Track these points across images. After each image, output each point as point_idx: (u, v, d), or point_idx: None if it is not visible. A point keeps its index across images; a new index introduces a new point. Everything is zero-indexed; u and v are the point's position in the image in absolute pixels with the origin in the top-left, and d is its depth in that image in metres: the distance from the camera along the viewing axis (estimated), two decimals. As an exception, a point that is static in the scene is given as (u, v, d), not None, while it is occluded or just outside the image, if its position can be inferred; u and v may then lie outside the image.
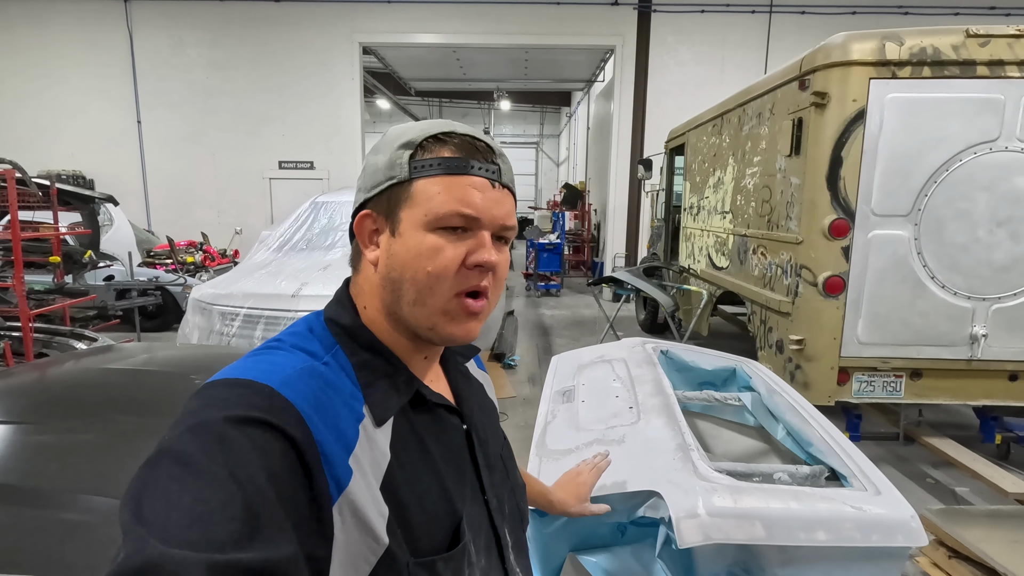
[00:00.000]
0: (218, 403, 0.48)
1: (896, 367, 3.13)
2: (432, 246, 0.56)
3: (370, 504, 0.52)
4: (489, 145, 0.60)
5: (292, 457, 0.47)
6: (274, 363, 0.54)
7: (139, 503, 0.42)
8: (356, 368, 0.58)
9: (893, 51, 2.86)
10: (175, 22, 8.98)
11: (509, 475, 0.74)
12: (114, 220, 5.70)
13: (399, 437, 0.58)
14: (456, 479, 0.62)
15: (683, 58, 8.89)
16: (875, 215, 2.98)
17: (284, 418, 0.48)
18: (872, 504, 1.26)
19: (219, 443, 0.45)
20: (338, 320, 0.61)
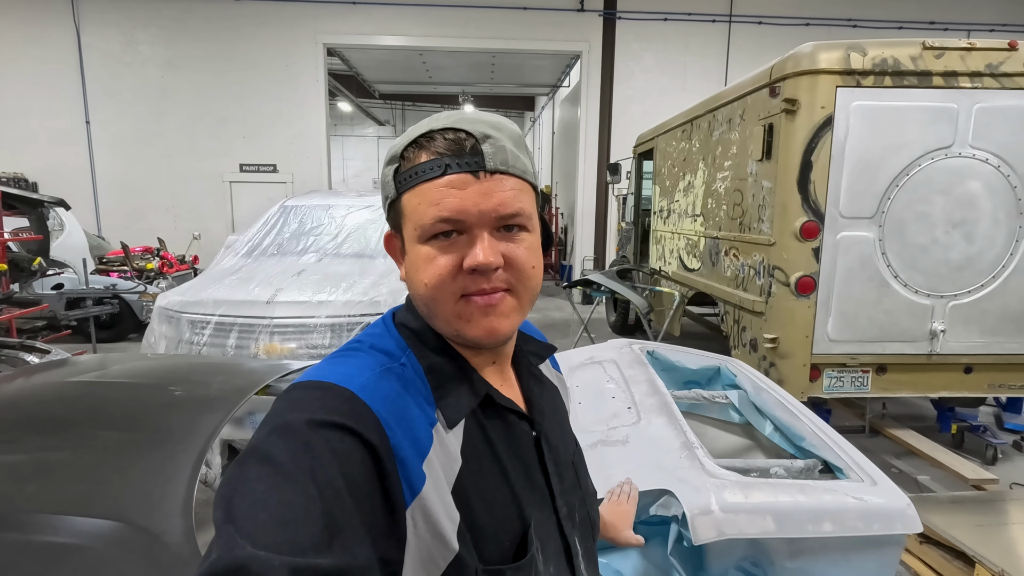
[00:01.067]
0: (302, 405, 0.49)
1: (864, 363, 3.27)
2: (425, 257, 0.55)
3: (441, 510, 0.52)
4: (469, 132, 0.55)
5: (369, 462, 0.48)
6: (354, 366, 0.55)
7: (230, 502, 0.44)
8: (427, 371, 0.58)
9: (857, 61, 2.99)
10: (127, 18, 8.60)
11: (580, 482, 0.73)
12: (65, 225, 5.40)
13: (469, 442, 0.57)
14: (525, 486, 0.61)
15: (647, 64, 9.09)
16: (843, 217, 3.12)
17: (363, 423, 0.49)
18: (871, 494, 1.31)
19: (302, 446, 0.46)
20: (407, 324, 0.61)
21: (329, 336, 3.13)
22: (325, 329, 3.13)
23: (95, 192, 8.90)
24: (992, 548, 2.26)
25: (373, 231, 4.48)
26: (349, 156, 23.49)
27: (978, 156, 3.07)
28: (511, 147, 0.57)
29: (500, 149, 0.56)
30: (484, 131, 0.56)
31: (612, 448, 1.51)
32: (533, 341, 0.74)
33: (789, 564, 1.25)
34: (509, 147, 0.57)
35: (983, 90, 3.02)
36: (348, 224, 4.56)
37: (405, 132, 0.59)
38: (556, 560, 0.64)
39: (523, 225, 0.57)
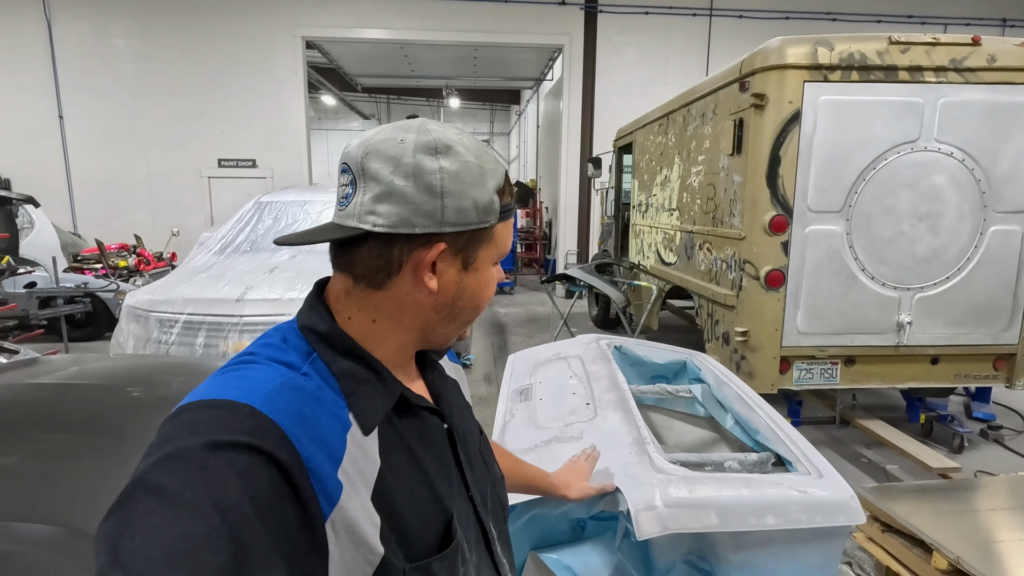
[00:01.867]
0: (195, 427, 0.46)
1: (832, 355, 3.32)
2: (493, 277, 0.64)
3: (362, 515, 0.51)
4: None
5: (279, 480, 0.46)
6: (251, 379, 0.52)
7: (115, 543, 0.40)
8: (338, 376, 0.56)
9: (825, 56, 3.02)
10: (99, 10, 8.42)
11: (489, 469, 0.75)
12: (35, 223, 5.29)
13: (386, 443, 0.57)
14: (443, 478, 0.62)
15: (629, 58, 9.09)
16: (811, 211, 3.15)
17: (268, 439, 0.47)
18: (815, 487, 1.33)
19: (199, 471, 0.43)
20: (314, 327, 0.59)
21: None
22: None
23: (70, 188, 8.74)
24: (950, 535, 2.30)
25: (349, 227, 4.44)
26: (334, 150, 23.30)
27: (943, 150, 3.11)
28: None
29: None
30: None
31: (566, 444, 1.52)
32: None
33: (733, 557, 1.26)
34: None
35: (948, 84, 3.06)
36: (323, 220, 4.51)
37: (487, 160, 0.60)
38: (476, 547, 0.66)
39: None
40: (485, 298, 0.64)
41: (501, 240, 0.63)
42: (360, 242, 0.57)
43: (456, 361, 0.87)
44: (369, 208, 0.56)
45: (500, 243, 0.63)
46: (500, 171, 0.61)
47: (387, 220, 0.55)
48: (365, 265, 0.58)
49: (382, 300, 0.59)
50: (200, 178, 9.00)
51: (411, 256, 0.57)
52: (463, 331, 0.68)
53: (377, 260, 0.57)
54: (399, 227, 0.56)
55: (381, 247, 0.57)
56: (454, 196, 0.57)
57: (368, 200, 0.56)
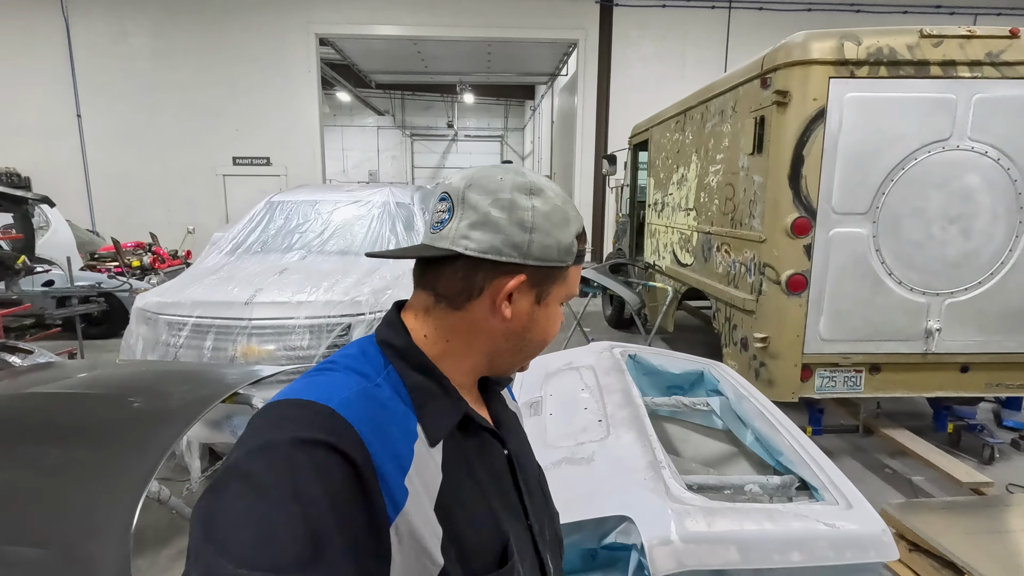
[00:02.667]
0: (282, 423, 0.50)
1: (856, 362, 3.19)
2: (560, 316, 0.68)
3: (425, 524, 0.53)
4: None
5: (352, 480, 0.49)
6: (332, 384, 0.56)
7: (209, 520, 0.45)
8: (410, 389, 0.60)
9: (851, 50, 2.88)
10: (115, 9, 8.48)
11: (548, 502, 0.78)
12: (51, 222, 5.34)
13: (449, 458, 0.60)
14: (501, 501, 0.65)
15: (645, 52, 8.92)
16: (835, 213, 3.02)
17: (345, 440, 0.50)
18: (844, 519, 1.23)
19: (284, 463, 0.47)
20: (391, 342, 0.63)
21: (308, 338, 3.06)
22: (304, 331, 3.06)
23: (88, 186, 8.84)
24: (983, 557, 2.19)
25: (360, 227, 4.39)
26: (349, 146, 23.36)
27: (977, 149, 2.96)
28: None
29: None
30: None
31: (576, 467, 1.45)
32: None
33: (755, 595, 1.18)
34: None
35: (983, 80, 2.90)
36: (335, 220, 4.48)
37: (571, 209, 0.65)
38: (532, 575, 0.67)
39: None
40: (551, 333, 0.67)
41: (572, 281, 0.67)
42: (449, 263, 0.61)
43: (514, 398, 0.86)
44: (464, 233, 0.60)
45: (571, 284, 0.67)
46: (580, 220, 0.67)
47: (479, 245, 0.60)
48: (449, 285, 0.62)
49: (458, 321, 0.63)
50: (215, 176, 9.05)
51: (493, 282, 0.61)
52: (527, 363, 0.70)
53: (462, 282, 0.62)
54: (488, 253, 0.60)
55: (468, 270, 0.61)
56: (541, 233, 0.61)
57: (464, 226, 0.60)
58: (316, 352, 3.07)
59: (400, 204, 4.63)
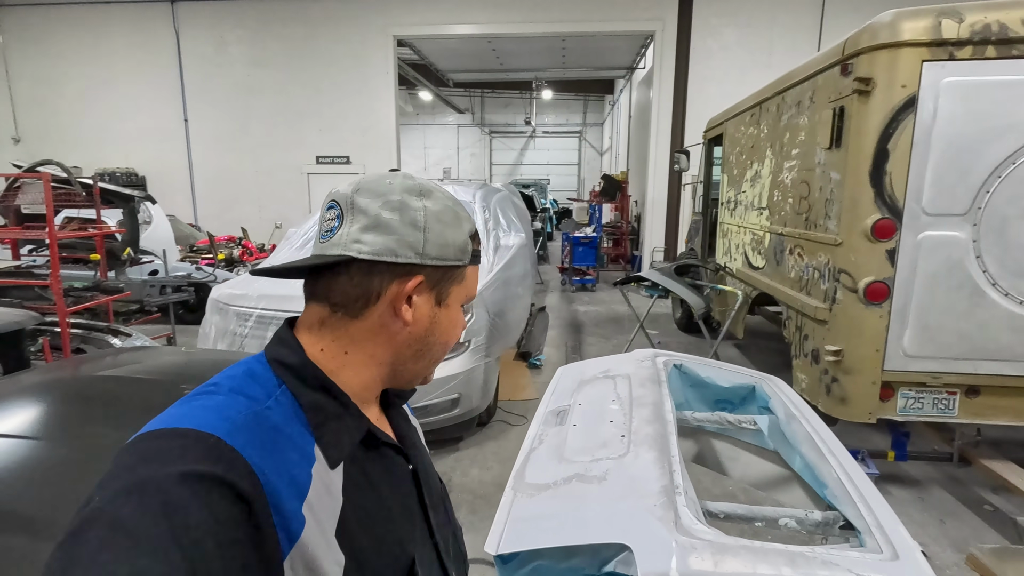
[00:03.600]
0: (159, 457, 0.45)
1: (949, 383, 2.82)
2: (462, 319, 0.67)
3: (325, 553, 0.51)
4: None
5: (242, 514, 0.45)
6: (215, 409, 0.51)
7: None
8: (306, 409, 0.56)
9: (951, 29, 2.53)
10: (218, 21, 9.22)
11: (451, 518, 0.76)
12: (153, 218, 5.91)
13: (351, 479, 0.57)
14: (407, 520, 0.63)
15: (727, 41, 8.43)
16: (926, 214, 2.68)
17: (234, 471, 0.46)
18: (885, 572, 1.07)
19: (159, 504, 0.42)
20: (284, 360, 0.59)
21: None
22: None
23: (192, 184, 9.71)
24: (1095, 623, 1.85)
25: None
26: (430, 144, 24.06)
27: (1111, 139, 2.51)
28: None
29: None
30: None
31: (587, 485, 1.36)
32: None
33: (770, 647, 1.05)
34: None
35: (1121, 57, 2.46)
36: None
37: (461, 209, 0.64)
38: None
39: None
40: (453, 336, 0.66)
41: (470, 282, 0.67)
42: (342, 271, 0.59)
43: (412, 413, 0.83)
44: (356, 237, 0.58)
45: (469, 285, 0.67)
46: (472, 221, 0.66)
47: (372, 247, 0.58)
48: (345, 293, 0.59)
49: (357, 331, 0.60)
50: (300, 174, 9.62)
51: (391, 285, 0.59)
52: (431, 371, 0.68)
53: (357, 288, 0.59)
54: (383, 255, 0.58)
55: (363, 275, 0.59)
56: (435, 232, 0.60)
57: (355, 230, 0.58)
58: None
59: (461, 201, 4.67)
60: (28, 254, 5.70)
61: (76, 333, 4.24)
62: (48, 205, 3.85)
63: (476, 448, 3.68)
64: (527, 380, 4.93)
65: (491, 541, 1.24)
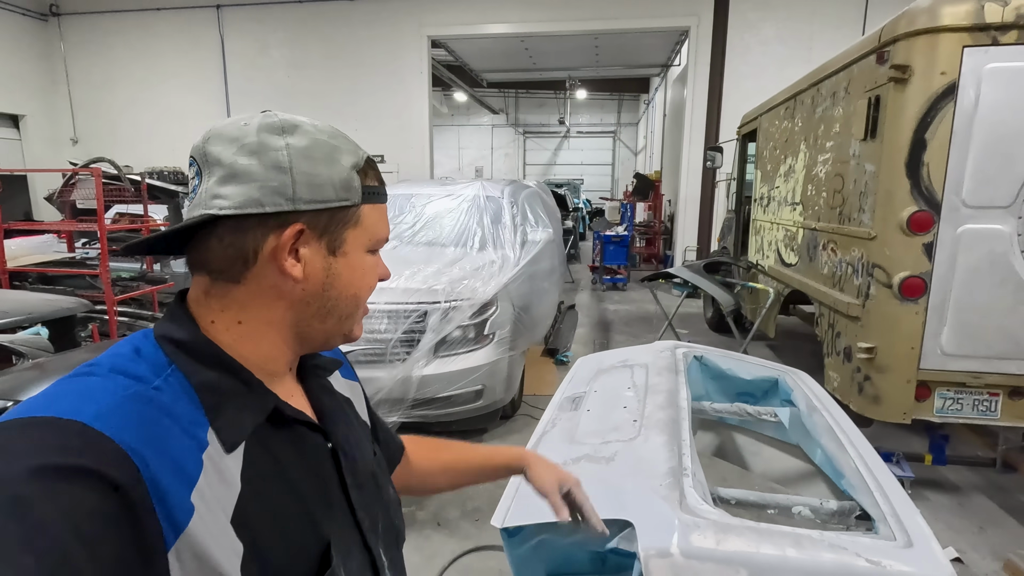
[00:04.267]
0: (8, 452, 0.40)
1: (991, 383, 2.70)
2: (372, 266, 0.61)
3: (218, 543, 0.47)
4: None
5: (113, 504, 0.41)
6: (85, 392, 0.46)
7: None
8: (198, 389, 0.51)
9: (995, 13, 2.42)
10: (261, 25, 9.54)
11: (382, 492, 0.70)
12: (196, 213, 6.17)
13: (252, 463, 0.52)
14: (322, 501, 0.58)
15: (766, 36, 8.23)
16: (967, 206, 2.57)
17: (102, 458, 0.41)
18: (895, 559, 1.04)
19: (11, 506, 0.37)
20: (172, 336, 0.54)
21: (386, 322, 3.24)
22: (382, 315, 3.24)
23: (234, 183, 10.07)
24: None
25: (448, 220, 4.55)
26: (464, 144, 24.25)
27: None
28: None
29: None
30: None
31: (595, 465, 1.37)
32: (319, 356, 0.69)
33: (773, 628, 1.04)
34: None
35: None
36: (427, 213, 4.67)
37: (342, 141, 0.58)
38: (361, 574, 0.62)
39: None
40: (364, 287, 0.61)
41: (372, 224, 0.60)
42: (211, 232, 0.53)
43: (353, 378, 0.78)
44: (214, 192, 0.52)
45: (372, 227, 0.60)
46: (358, 152, 0.59)
47: (233, 201, 0.52)
48: (219, 257, 0.54)
49: (244, 296, 0.55)
50: (337, 173, 9.86)
51: (266, 240, 0.53)
52: (349, 328, 0.62)
53: (229, 249, 0.53)
54: (247, 207, 0.52)
55: (233, 234, 0.53)
56: (304, 172, 0.54)
57: (213, 184, 0.52)
58: (392, 336, 3.23)
59: (490, 198, 4.72)
60: (82, 247, 6.02)
61: (122, 320, 4.47)
62: (99, 200, 4.06)
63: (499, 440, 3.71)
64: (553, 376, 4.93)
65: (498, 515, 1.26)
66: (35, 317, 3.25)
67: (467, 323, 3.38)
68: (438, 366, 3.26)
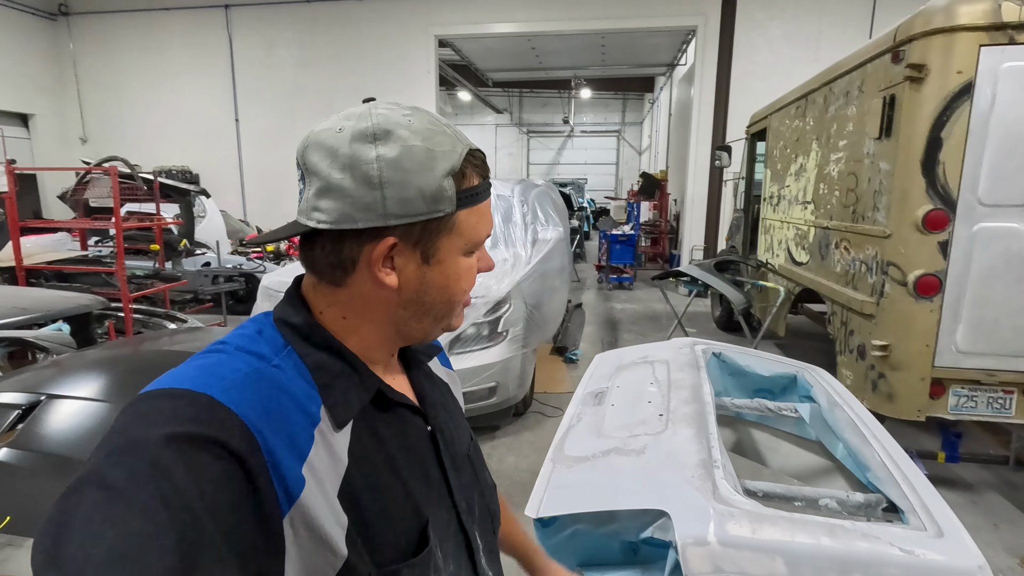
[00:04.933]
0: (150, 418, 0.44)
1: (1006, 381, 2.71)
2: (468, 268, 0.60)
3: (326, 514, 0.49)
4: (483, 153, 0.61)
5: (235, 473, 0.44)
6: (214, 368, 0.50)
7: (56, 540, 0.38)
8: (312, 368, 0.55)
9: (1012, 12, 2.44)
10: (268, 24, 9.58)
11: (478, 476, 0.72)
12: (207, 211, 6.21)
13: (359, 440, 0.55)
14: (421, 482, 0.60)
15: (773, 35, 8.24)
16: (982, 205, 2.58)
17: (226, 431, 0.45)
18: (929, 548, 1.06)
19: (150, 465, 0.41)
20: (289, 320, 0.57)
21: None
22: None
23: (242, 181, 10.11)
24: None
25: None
26: (467, 144, 24.25)
27: None
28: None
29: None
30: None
31: (624, 457, 1.39)
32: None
33: (807, 616, 1.06)
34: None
35: None
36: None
37: (440, 142, 0.55)
38: (456, 556, 0.63)
39: None
40: (458, 291, 0.60)
41: (468, 228, 0.58)
42: (314, 240, 0.56)
43: (449, 367, 0.82)
44: (313, 204, 0.54)
45: (468, 232, 0.58)
46: (456, 152, 0.56)
47: (329, 216, 0.53)
48: (321, 263, 0.56)
49: (346, 298, 0.58)
50: (343, 172, 9.89)
51: (362, 252, 0.55)
52: (447, 323, 0.63)
53: (330, 257, 0.55)
54: (342, 223, 0.53)
55: (332, 244, 0.55)
56: (395, 186, 0.53)
57: (311, 196, 0.54)
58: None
59: (500, 196, 4.74)
60: (94, 245, 6.06)
61: (137, 318, 4.50)
62: (115, 198, 4.10)
63: (512, 437, 3.73)
64: (563, 374, 4.95)
65: (531, 505, 1.28)
66: (54, 314, 3.29)
67: (481, 320, 3.41)
68: (452, 363, 3.28)
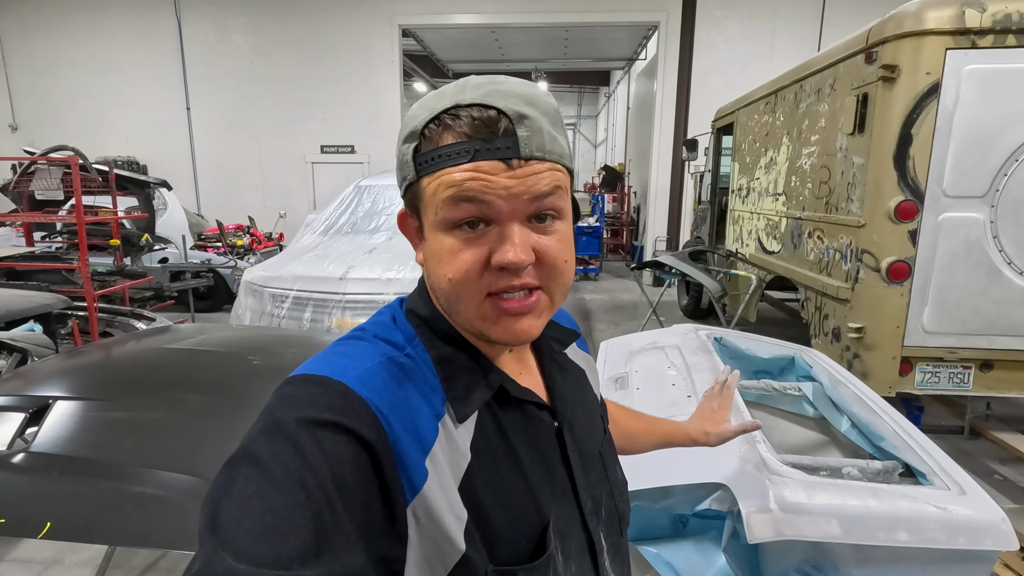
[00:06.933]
0: (292, 402, 0.47)
1: (964, 358, 2.97)
2: (449, 249, 0.50)
3: (446, 507, 0.49)
4: (502, 111, 0.48)
5: (364, 460, 0.45)
6: (352, 356, 0.51)
7: (216, 508, 0.42)
8: (436, 361, 0.54)
9: (974, 18, 2.65)
10: (220, 8, 9.14)
11: (608, 473, 0.68)
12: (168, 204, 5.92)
13: (482, 435, 0.54)
14: (544, 480, 0.58)
15: (731, 33, 8.54)
16: (947, 196, 2.81)
17: (357, 419, 0.46)
18: (957, 504, 1.19)
19: (291, 447, 0.44)
20: (416, 311, 0.57)
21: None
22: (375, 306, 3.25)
23: (195, 173, 9.65)
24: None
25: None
26: (424, 136, 23.94)
27: (1123, 125, 2.65)
28: (548, 128, 0.50)
29: (537, 132, 0.49)
30: (519, 109, 0.48)
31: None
32: (556, 327, 0.70)
33: (856, 572, 1.16)
34: (546, 128, 0.50)
35: None
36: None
37: (422, 100, 0.52)
38: (579, 558, 0.61)
39: (553, 215, 0.51)
40: (442, 276, 0.51)
41: (431, 195, 0.50)
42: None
43: (586, 350, 0.78)
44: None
45: (432, 201, 0.50)
46: (421, 115, 0.50)
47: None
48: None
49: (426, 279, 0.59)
50: (304, 163, 9.59)
51: (402, 228, 0.58)
52: (470, 323, 0.53)
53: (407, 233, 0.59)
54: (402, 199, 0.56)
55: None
56: (397, 155, 0.55)
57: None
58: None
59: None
60: (41, 240, 5.67)
61: (101, 317, 4.26)
62: (76, 190, 3.86)
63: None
64: (544, 364, 5.02)
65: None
66: (14, 314, 3.08)
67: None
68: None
